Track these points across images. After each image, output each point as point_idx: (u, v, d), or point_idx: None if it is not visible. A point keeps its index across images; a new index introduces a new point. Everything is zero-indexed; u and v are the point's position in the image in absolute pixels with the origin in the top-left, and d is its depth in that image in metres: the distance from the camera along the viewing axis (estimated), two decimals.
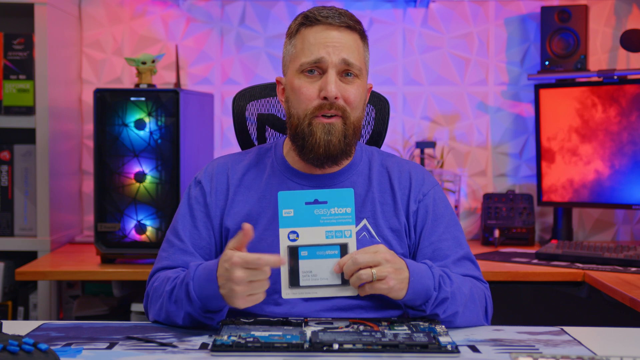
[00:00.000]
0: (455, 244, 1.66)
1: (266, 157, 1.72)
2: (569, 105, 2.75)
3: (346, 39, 1.61)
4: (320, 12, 1.62)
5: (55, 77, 2.69)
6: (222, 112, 2.98)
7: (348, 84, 1.61)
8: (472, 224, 3.00)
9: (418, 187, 1.69)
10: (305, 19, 1.62)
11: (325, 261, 1.46)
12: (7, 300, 2.68)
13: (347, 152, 1.64)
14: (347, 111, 1.60)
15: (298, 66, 1.61)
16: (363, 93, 1.64)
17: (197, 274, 1.49)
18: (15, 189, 2.69)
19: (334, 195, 1.48)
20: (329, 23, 1.60)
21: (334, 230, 1.47)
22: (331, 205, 1.47)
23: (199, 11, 2.98)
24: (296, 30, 1.64)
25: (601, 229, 2.99)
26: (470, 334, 1.51)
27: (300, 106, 1.61)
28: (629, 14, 2.96)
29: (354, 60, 1.60)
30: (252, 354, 1.34)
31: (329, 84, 1.58)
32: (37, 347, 1.23)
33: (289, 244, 1.46)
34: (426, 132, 2.99)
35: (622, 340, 1.48)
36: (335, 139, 1.59)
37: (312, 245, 1.46)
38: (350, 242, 1.47)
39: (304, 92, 1.60)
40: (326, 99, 1.58)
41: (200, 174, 1.72)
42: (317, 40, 1.60)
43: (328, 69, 1.59)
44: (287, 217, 1.47)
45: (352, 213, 1.47)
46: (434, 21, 2.98)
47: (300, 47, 1.62)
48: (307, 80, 1.60)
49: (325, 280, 1.46)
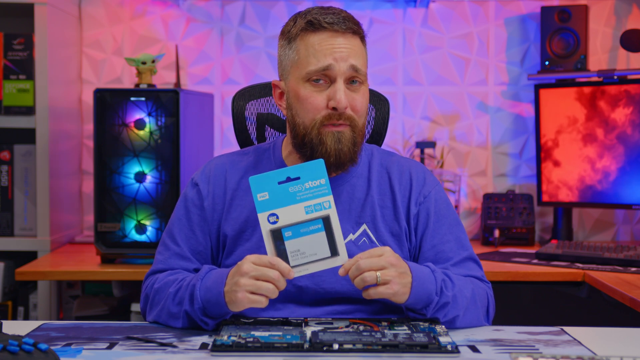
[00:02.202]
0: (458, 246, 1.65)
1: (264, 158, 1.70)
2: (569, 105, 2.75)
3: (352, 44, 1.58)
4: (325, 17, 1.56)
5: (55, 77, 2.69)
6: (222, 112, 2.98)
7: (355, 92, 1.58)
8: (472, 224, 3.00)
9: (419, 189, 1.67)
10: (310, 24, 1.57)
11: (310, 237, 1.44)
12: (7, 300, 2.68)
13: (355, 159, 1.62)
14: (355, 119, 1.58)
15: (304, 74, 1.57)
16: (367, 99, 1.63)
17: (208, 275, 1.50)
18: (15, 189, 2.69)
19: (306, 168, 1.45)
20: (334, 30, 1.56)
21: (312, 204, 1.45)
22: (304, 180, 1.45)
23: (199, 11, 2.98)
24: (297, 34, 1.59)
25: (601, 229, 2.99)
26: (470, 334, 1.51)
27: (307, 116, 1.58)
28: (629, 14, 2.96)
29: (361, 66, 1.57)
30: (252, 354, 1.34)
31: (339, 94, 1.55)
32: (37, 347, 1.23)
33: (270, 228, 1.44)
34: (426, 132, 2.99)
35: (622, 340, 1.48)
36: (345, 147, 1.57)
37: (294, 225, 1.44)
38: (331, 213, 1.45)
39: (312, 102, 1.57)
40: (335, 109, 1.56)
41: (197, 175, 1.70)
42: (324, 47, 1.56)
43: (337, 77, 1.55)
44: (263, 200, 1.44)
45: (327, 184, 1.45)
46: (434, 21, 2.98)
47: (305, 54, 1.57)
48: (314, 89, 1.57)
49: (314, 256, 1.45)
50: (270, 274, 1.40)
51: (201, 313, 1.48)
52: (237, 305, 1.42)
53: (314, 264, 1.45)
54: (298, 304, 1.59)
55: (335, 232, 1.45)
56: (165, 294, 1.55)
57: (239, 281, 1.41)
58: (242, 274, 1.41)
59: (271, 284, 1.41)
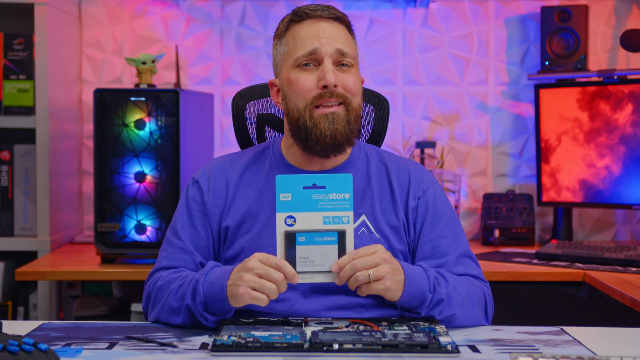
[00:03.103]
0: (455, 242, 1.66)
1: (264, 155, 1.73)
2: (569, 106, 2.75)
3: (337, 29, 1.63)
4: (308, 7, 1.64)
5: (55, 77, 2.69)
6: (222, 112, 2.98)
7: (344, 73, 1.62)
8: (472, 224, 3.00)
9: (417, 184, 1.69)
10: (295, 15, 1.64)
11: (322, 247, 1.45)
12: (7, 300, 2.68)
13: (351, 140, 1.64)
14: (349, 97, 1.61)
15: (293, 61, 1.62)
16: (360, 81, 1.66)
17: (212, 271, 1.51)
18: (15, 189, 2.69)
19: (333, 180, 1.46)
20: (318, 15, 1.63)
21: (331, 216, 1.45)
22: (329, 191, 1.46)
23: (199, 11, 2.98)
24: (285, 28, 1.65)
25: (601, 229, 2.99)
26: (470, 334, 1.51)
27: (299, 98, 1.61)
28: (629, 14, 2.96)
29: (348, 50, 1.62)
30: (252, 354, 1.34)
31: (327, 72, 1.59)
32: (37, 347, 1.23)
33: (286, 229, 1.45)
34: (426, 132, 2.99)
35: (622, 340, 1.48)
36: (340, 127, 1.60)
37: (309, 231, 1.45)
38: (347, 229, 1.45)
39: (302, 84, 1.60)
40: (325, 88, 1.59)
41: (197, 174, 1.72)
42: (310, 33, 1.61)
43: (324, 59, 1.60)
44: (285, 201, 1.45)
45: (351, 199, 1.45)
46: (434, 21, 2.98)
47: (293, 44, 1.63)
48: (304, 72, 1.61)
49: (322, 267, 1.45)
50: (275, 275, 1.41)
51: (202, 308, 1.49)
52: (238, 300, 1.43)
53: (319, 274, 1.45)
54: (295, 292, 1.59)
55: (348, 249, 1.46)
56: (168, 290, 1.56)
57: (243, 276, 1.42)
58: (248, 269, 1.42)
59: (274, 285, 1.41)
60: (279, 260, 1.42)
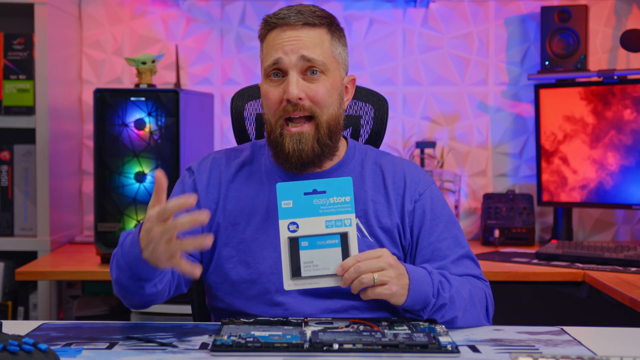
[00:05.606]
0: (455, 243, 1.65)
1: (260, 154, 1.71)
2: (569, 106, 2.75)
3: (306, 35, 1.57)
4: (278, 14, 1.60)
5: (55, 77, 2.69)
6: (222, 112, 2.98)
7: (313, 82, 1.57)
8: (472, 224, 3.00)
9: (414, 187, 1.67)
10: (266, 24, 1.62)
11: (326, 251, 1.45)
12: (7, 300, 2.68)
13: (326, 154, 1.62)
14: (316, 111, 1.58)
15: (263, 72, 1.62)
16: (332, 89, 1.60)
17: (126, 240, 1.47)
18: (15, 189, 2.69)
19: (333, 184, 1.47)
20: (285, 23, 1.58)
21: (333, 220, 1.46)
22: (330, 195, 1.47)
23: (199, 11, 2.98)
24: (261, 36, 1.65)
25: (601, 229, 2.99)
26: (470, 334, 1.51)
27: (269, 111, 1.61)
28: (629, 14, 2.96)
29: (315, 56, 1.56)
30: (252, 354, 1.34)
31: (289, 85, 1.55)
32: (37, 347, 1.23)
33: (289, 235, 1.46)
34: (426, 132, 2.99)
35: (622, 340, 1.48)
36: (307, 147, 1.58)
37: (312, 236, 1.45)
38: (350, 231, 1.46)
39: (270, 97, 1.59)
40: (290, 102, 1.57)
41: (194, 164, 1.72)
42: (275, 42, 1.59)
43: (288, 69, 1.57)
44: (287, 208, 1.46)
45: (352, 202, 1.46)
46: (434, 21, 2.98)
47: (263, 54, 1.63)
48: (272, 84, 1.60)
49: (326, 270, 1.45)
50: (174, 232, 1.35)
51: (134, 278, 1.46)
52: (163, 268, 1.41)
53: (324, 278, 1.46)
54: (290, 296, 1.58)
55: (352, 251, 1.46)
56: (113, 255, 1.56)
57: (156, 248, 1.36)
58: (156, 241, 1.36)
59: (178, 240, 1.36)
60: (168, 204, 1.37)
